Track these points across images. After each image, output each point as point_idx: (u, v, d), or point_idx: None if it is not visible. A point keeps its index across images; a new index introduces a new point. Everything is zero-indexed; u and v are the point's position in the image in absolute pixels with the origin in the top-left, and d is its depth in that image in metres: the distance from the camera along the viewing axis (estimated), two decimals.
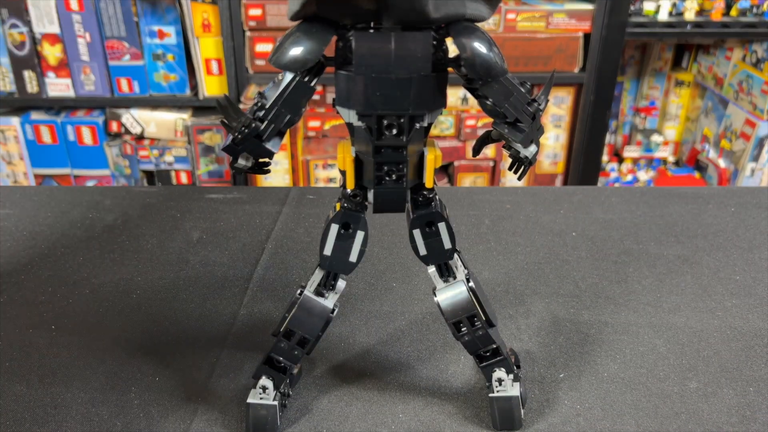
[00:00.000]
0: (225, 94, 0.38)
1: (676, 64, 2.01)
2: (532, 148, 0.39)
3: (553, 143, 1.81)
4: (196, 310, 0.56)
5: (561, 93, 1.74)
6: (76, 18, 1.61)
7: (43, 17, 1.61)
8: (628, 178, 2.04)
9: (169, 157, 1.78)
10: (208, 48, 1.65)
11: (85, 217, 0.70)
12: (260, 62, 1.63)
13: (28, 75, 1.66)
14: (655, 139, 2.00)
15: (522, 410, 0.44)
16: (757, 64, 1.72)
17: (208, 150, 1.76)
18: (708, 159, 1.92)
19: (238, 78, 1.64)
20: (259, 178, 1.77)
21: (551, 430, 0.45)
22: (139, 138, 1.76)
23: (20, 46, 1.63)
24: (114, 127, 1.74)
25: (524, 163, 0.40)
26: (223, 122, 0.37)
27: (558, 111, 1.76)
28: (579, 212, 0.73)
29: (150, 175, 1.82)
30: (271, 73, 1.64)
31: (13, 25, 1.61)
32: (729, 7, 1.69)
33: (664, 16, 1.68)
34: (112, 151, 1.76)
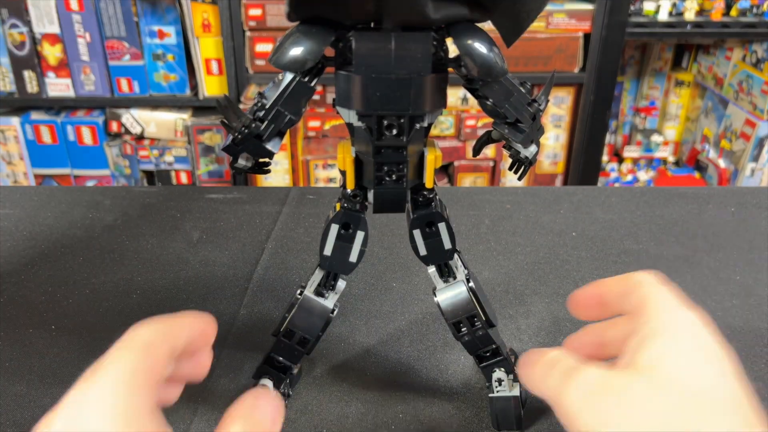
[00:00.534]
0: (225, 95, 0.38)
1: (676, 64, 2.01)
2: (532, 149, 0.39)
3: (553, 143, 1.81)
4: (196, 310, 0.56)
5: (561, 93, 1.74)
6: (76, 18, 1.61)
7: (43, 17, 1.61)
8: (628, 178, 2.04)
9: (169, 157, 1.78)
10: (208, 48, 1.65)
11: (85, 217, 0.70)
12: (260, 62, 1.63)
13: (28, 75, 1.66)
14: (655, 139, 2.00)
15: (522, 410, 0.44)
16: (757, 64, 1.72)
17: (208, 150, 1.76)
18: (708, 159, 1.92)
19: (238, 78, 1.64)
20: (259, 178, 1.77)
21: (551, 430, 0.45)
22: (139, 138, 1.76)
23: (20, 46, 1.63)
24: (114, 127, 1.74)
25: (524, 163, 0.40)
26: (223, 122, 0.37)
27: (558, 111, 1.76)
28: (579, 212, 0.73)
29: (150, 175, 1.82)
30: (271, 73, 1.64)
31: (13, 25, 1.61)
32: (729, 7, 1.69)
33: (664, 16, 1.68)
34: (112, 151, 1.76)
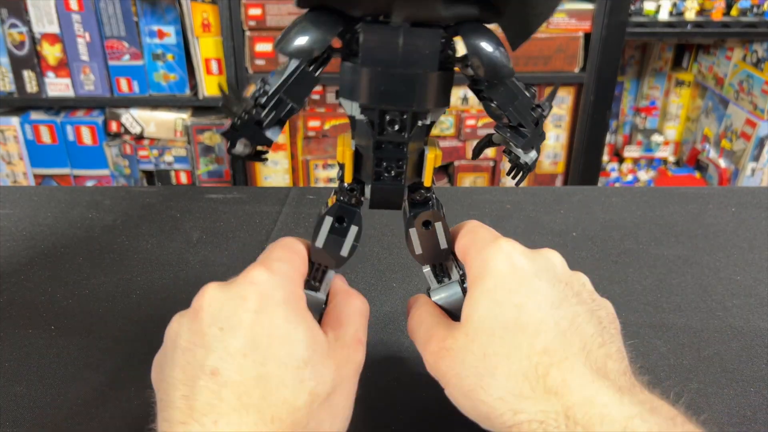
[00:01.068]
0: (229, 79, 0.38)
1: (677, 64, 2.01)
2: (532, 154, 0.39)
3: (553, 143, 1.81)
4: None
5: (561, 93, 1.74)
6: (76, 18, 1.61)
7: (43, 17, 1.61)
8: (629, 178, 2.04)
9: (168, 157, 1.78)
10: (207, 48, 1.64)
11: (85, 217, 0.70)
12: (260, 62, 1.63)
13: (28, 75, 1.66)
14: (656, 139, 2.00)
15: None
16: (758, 64, 1.72)
17: (208, 150, 1.76)
18: (708, 159, 1.92)
19: (238, 78, 1.64)
20: (259, 178, 1.77)
21: None
22: (139, 138, 1.76)
23: (20, 45, 1.63)
24: (113, 127, 1.74)
25: (523, 168, 0.40)
26: (224, 106, 0.37)
27: (558, 111, 1.76)
28: (579, 212, 0.73)
29: (150, 175, 1.82)
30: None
31: (13, 25, 1.61)
32: (729, 6, 1.69)
33: (664, 16, 1.68)
34: (111, 151, 1.76)
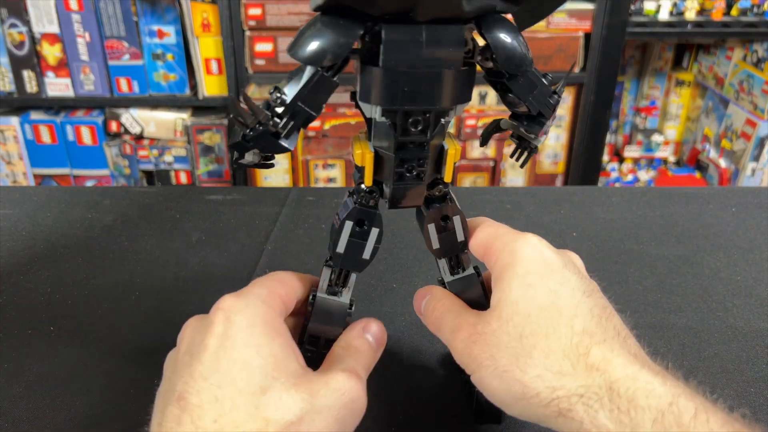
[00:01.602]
0: (242, 90, 0.37)
1: (677, 63, 2.01)
2: (542, 138, 0.39)
3: (553, 143, 1.80)
4: (195, 311, 0.56)
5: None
6: (76, 18, 1.61)
7: (43, 17, 1.61)
8: (629, 178, 2.04)
9: (168, 157, 1.78)
10: (207, 48, 1.64)
11: (85, 217, 0.70)
12: (260, 62, 1.62)
13: (28, 75, 1.66)
14: (656, 138, 2.00)
15: None
16: (758, 64, 1.72)
17: (208, 150, 1.76)
18: (709, 159, 1.92)
19: (238, 78, 1.64)
20: (259, 178, 1.77)
21: (552, 430, 0.45)
22: (139, 138, 1.76)
23: (19, 45, 1.63)
24: (113, 126, 1.74)
25: (532, 151, 0.40)
26: (236, 119, 0.35)
27: (558, 111, 1.76)
28: (579, 212, 0.73)
29: (149, 175, 1.82)
30: (271, 73, 1.63)
31: (13, 25, 1.61)
32: (729, 6, 1.69)
33: (664, 16, 1.68)
34: (111, 151, 1.76)
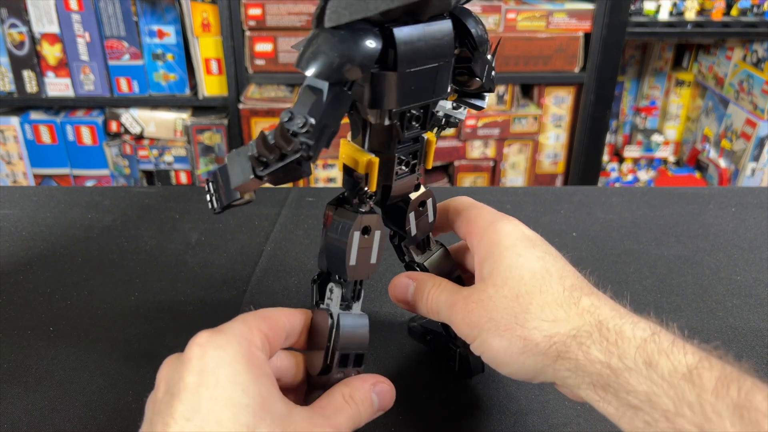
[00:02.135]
0: (262, 131, 0.33)
1: (677, 63, 2.01)
2: (488, 100, 0.42)
3: (553, 143, 1.80)
4: (195, 312, 0.56)
5: (561, 93, 1.74)
6: (76, 18, 1.61)
7: (43, 17, 1.61)
8: (629, 178, 2.04)
9: (168, 157, 1.78)
10: (207, 48, 1.64)
11: (84, 217, 0.70)
12: (260, 62, 1.62)
13: (28, 75, 1.66)
14: (656, 138, 2.00)
15: None
16: (758, 64, 1.72)
17: (208, 150, 1.76)
18: (708, 159, 1.92)
19: (238, 78, 1.64)
20: None
21: (552, 430, 0.45)
22: (139, 138, 1.76)
23: (20, 45, 1.63)
24: (113, 126, 1.74)
25: (452, 125, 0.42)
26: (259, 159, 0.33)
27: (558, 111, 1.76)
28: (579, 212, 0.73)
29: (149, 175, 1.82)
30: (271, 73, 1.63)
31: (13, 25, 1.61)
32: (729, 6, 1.69)
33: (664, 16, 1.68)
34: (111, 151, 1.76)
